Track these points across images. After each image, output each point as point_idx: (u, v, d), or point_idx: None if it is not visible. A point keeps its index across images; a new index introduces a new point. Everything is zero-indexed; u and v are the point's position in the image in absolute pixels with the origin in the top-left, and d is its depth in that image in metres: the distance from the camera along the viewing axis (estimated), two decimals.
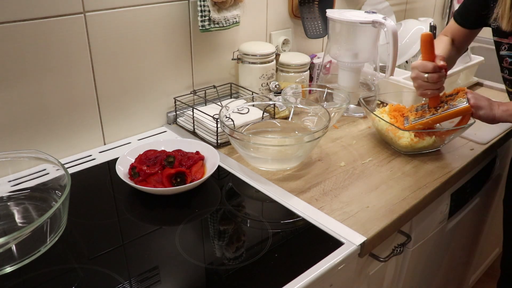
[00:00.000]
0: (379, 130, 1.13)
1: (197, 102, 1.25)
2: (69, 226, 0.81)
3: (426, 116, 1.04)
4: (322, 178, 0.99)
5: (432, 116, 1.03)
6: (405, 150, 1.09)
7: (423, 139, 1.06)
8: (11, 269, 0.71)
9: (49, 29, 0.93)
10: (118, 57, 1.06)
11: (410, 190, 0.95)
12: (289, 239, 0.81)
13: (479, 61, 1.52)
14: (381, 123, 1.10)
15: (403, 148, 1.08)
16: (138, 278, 0.71)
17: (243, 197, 0.95)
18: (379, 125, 1.11)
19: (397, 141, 1.07)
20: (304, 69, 1.33)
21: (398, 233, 0.97)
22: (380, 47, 1.31)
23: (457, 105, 1.01)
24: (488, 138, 1.18)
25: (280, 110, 1.20)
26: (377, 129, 1.14)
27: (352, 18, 1.22)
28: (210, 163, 0.97)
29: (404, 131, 1.05)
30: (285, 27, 1.44)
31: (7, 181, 0.93)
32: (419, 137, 1.06)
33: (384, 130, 1.10)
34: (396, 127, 1.06)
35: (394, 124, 1.07)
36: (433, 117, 1.03)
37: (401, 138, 1.06)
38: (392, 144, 1.11)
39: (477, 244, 1.58)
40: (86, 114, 1.05)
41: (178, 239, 0.80)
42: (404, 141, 1.06)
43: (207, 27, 1.14)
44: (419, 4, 1.98)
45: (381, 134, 1.14)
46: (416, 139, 1.05)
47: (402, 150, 1.09)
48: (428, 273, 1.26)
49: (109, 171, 1.00)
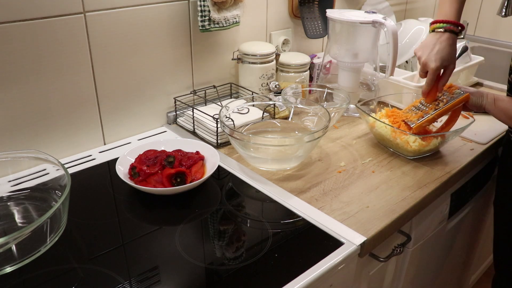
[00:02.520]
0: (382, 136, 1.09)
1: (197, 102, 1.25)
2: (69, 226, 0.81)
3: (430, 112, 1.04)
4: (322, 178, 0.99)
5: (436, 111, 1.03)
6: (412, 155, 1.06)
7: (429, 142, 1.04)
8: (11, 269, 0.71)
9: (49, 29, 0.93)
10: (118, 57, 1.06)
11: (410, 190, 0.95)
12: (289, 239, 0.81)
13: (479, 61, 1.52)
14: (387, 129, 1.06)
15: (411, 153, 1.05)
16: (138, 278, 0.71)
17: (243, 197, 0.95)
18: (383, 132, 1.08)
19: (405, 146, 1.04)
20: (304, 69, 1.33)
21: (398, 233, 0.97)
22: (380, 47, 1.31)
23: (455, 97, 1.03)
24: (488, 138, 1.18)
25: (280, 110, 1.20)
26: (379, 135, 1.10)
27: (352, 18, 1.22)
28: (210, 163, 0.97)
29: (413, 135, 1.02)
30: (285, 27, 1.44)
31: (7, 181, 0.93)
32: (427, 141, 1.04)
33: (390, 136, 1.06)
34: (407, 132, 1.03)
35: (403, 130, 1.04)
36: (438, 111, 1.03)
37: (410, 143, 1.03)
38: (399, 150, 1.07)
39: (477, 244, 1.58)
40: (86, 114, 1.05)
41: (178, 239, 0.80)
42: (414, 146, 1.03)
43: (207, 27, 1.14)
44: (419, 4, 1.98)
45: (385, 140, 1.09)
46: (425, 143, 1.03)
47: (409, 155, 1.06)
48: (428, 273, 1.26)
49: (109, 171, 1.00)
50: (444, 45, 0.99)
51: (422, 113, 1.05)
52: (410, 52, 1.49)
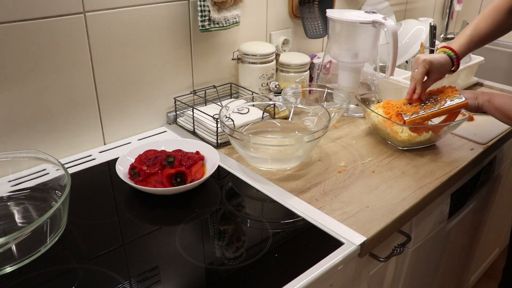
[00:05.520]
0: (376, 125, 1.14)
1: (197, 102, 1.25)
2: (69, 226, 0.81)
3: (426, 110, 1.07)
4: (322, 178, 0.99)
5: (432, 111, 1.06)
6: (402, 145, 1.10)
7: (420, 134, 1.07)
8: (11, 269, 0.71)
9: (49, 29, 0.93)
10: (118, 57, 1.06)
11: (410, 190, 0.95)
12: (289, 239, 0.81)
13: (479, 61, 1.52)
14: (379, 118, 1.11)
15: (401, 143, 1.09)
16: (138, 278, 0.71)
17: (243, 197, 0.95)
18: (376, 121, 1.12)
19: (395, 136, 1.08)
20: (304, 69, 1.33)
21: (398, 233, 0.97)
22: (380, 47, 1.31)
23: (454, 101, 1.06)
24: (488, 138, 1.18)
25: (280, 110, 1.20)
26: (374, 124, 1.15)
27: (352, 18, 1.22)
28: (210, 163, 0.97)
29: (403, 126, 1.06)
30: (285, 27, 1.44)
31: (7, 181, 0.93)
32: (417, 132, 1.07)
33: (382, 125, 1.11)
34: (396, 123, 1.07)
35: (395, 121, 1.07)
36: (433, 111, 1.06)
37: (399, 133, 1.07)
38: (389, 139, 1.12)
39: (477, 244, 1.58)
40: (86, 114, 1.05)
41: (178, 239, 0.80)
42: (403, 136, 1.07)
43: (207, 27, 1.14)
44: (419, 4, 1.98)
45: (378, 129, 1.14)
46: (414, 134, 1.07)
47: (399, 145, 1.11)
48: (428, 273, 1.26)
49: (109, 171, 1.00)
50: (437, 56, 1.08)
51: (417, 109, 1.07)
52: (410, 52, 1.49)
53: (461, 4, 2.03)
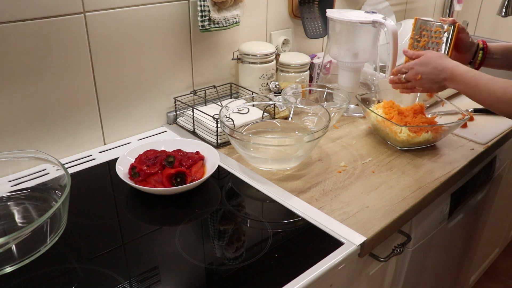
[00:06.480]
0: (375, 125, 1.14)
1: (197, 102, 1.25)
2: (69, 226, 0.81)
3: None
4: (322, 178, 0.99)
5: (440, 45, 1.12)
6: (401, 145, 1.10)
7: (419, 135, 1.07)
8: (11, 269, 0.71)
9: (49, 29, 0.93)
10: (118, 57, 1.06)
11: (410, 190, 0.95)
12: (289, 239, 0.81)
13: None
14: (378, 119, 1.11)
15: (400, 143, 1.09)
16: (138, 278, 0.71)
17: (243, 197, 0.95)
18: (376, 121, 1.12)
19: (394, 136, 1.08)
20: (304, 69, 1.33)
21: (398, 233, 0.97)
22: (380, 47, 1.31)
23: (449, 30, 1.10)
24: (488, 138, 1.18)
25: (280, 110, 1.20)
26: (373, 124, 1.15)
27: (352, 18, 1.22)
28: (210, 163, 0.97)
29: (401, 127, 1.06)
30: (285, 27, 1.44)
31: (7, 181, 0.93)
32: (416, 133, 1.07)
33: (381, 125, 1.11)
34: (395, 123, 1.07)
35: (394, 122, 1.07)
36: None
37: (398, 133, 1.07)
38: (389, 139, 1.12)
39: (477, 244, 1.58)
40: (86, 114, 1.05)
41: (178, 239, 0.80)
42: (402, 136, 1.07)
43: (207, 27, 1.14)
44: (419, 4, 1.98)
45: (377, 129, 1.14)
46: (413, 134, 1.07)
47: (398, 145, 1.11)
48: (428, 273, 1.26)
49: (109, 171, 1.00)
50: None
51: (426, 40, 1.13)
52: None
53: (461, 4, 2.03)
